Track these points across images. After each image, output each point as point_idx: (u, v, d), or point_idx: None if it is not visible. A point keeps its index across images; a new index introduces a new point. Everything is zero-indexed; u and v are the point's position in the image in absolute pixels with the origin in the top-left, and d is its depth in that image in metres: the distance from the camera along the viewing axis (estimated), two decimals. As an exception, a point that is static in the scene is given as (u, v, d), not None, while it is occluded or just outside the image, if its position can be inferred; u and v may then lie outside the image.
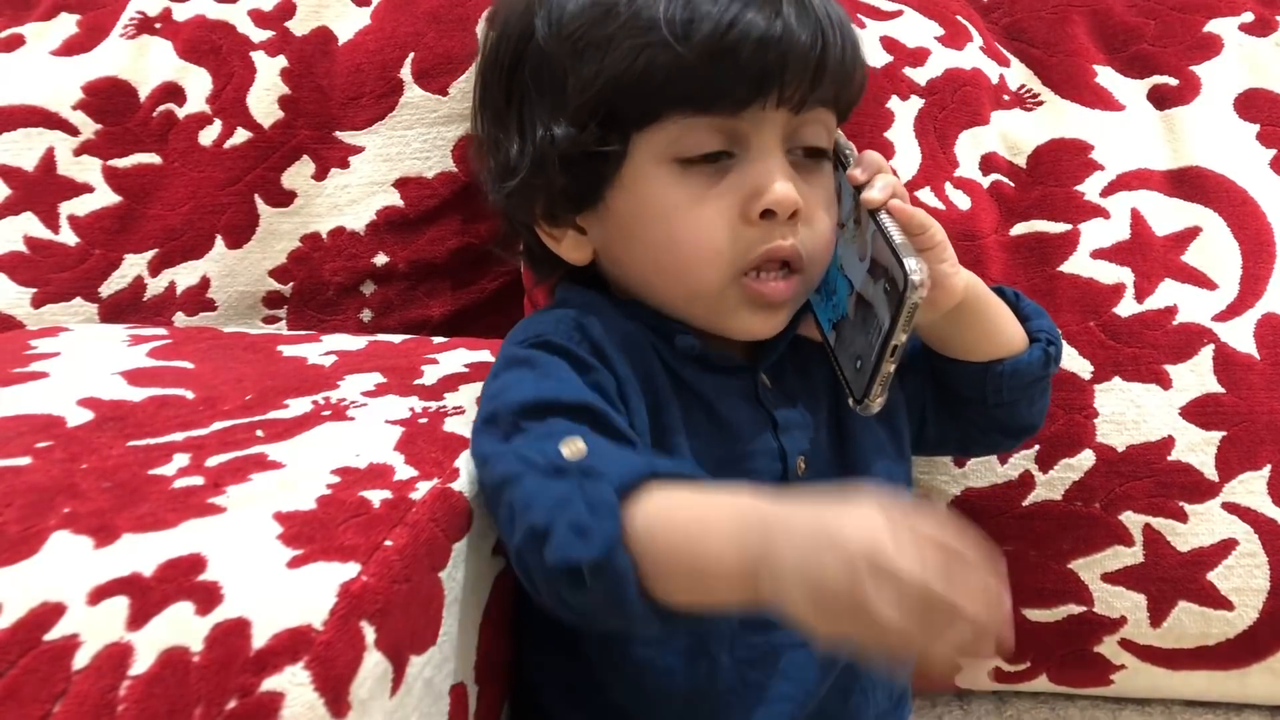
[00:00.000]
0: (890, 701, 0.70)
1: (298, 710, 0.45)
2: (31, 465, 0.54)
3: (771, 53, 0.57)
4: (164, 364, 0.73)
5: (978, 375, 0.68)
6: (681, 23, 0.57)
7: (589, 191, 0.62)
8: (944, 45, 0.95)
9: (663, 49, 0.57)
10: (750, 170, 0.60)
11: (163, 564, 0.47)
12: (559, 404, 0.56)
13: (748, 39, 0.57)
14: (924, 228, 0.61)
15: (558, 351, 0.60)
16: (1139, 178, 0.90)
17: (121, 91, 1.02)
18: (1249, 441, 0.83)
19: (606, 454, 0.52)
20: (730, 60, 0.57)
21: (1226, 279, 0.86)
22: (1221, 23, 0.97)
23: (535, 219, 0.65)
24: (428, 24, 1.03)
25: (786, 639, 0.62)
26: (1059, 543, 0.84)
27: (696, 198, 0.60)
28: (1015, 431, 0.74)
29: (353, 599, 0.48)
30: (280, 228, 1.02)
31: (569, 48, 0.60)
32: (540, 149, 0.61)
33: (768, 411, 0.64)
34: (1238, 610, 0.83)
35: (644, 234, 0.62)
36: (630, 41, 0.58)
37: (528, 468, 0.53)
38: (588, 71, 0.59)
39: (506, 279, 1.05)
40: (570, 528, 0.49)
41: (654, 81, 0.58)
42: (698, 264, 0.61)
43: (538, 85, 0.62)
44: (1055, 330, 0.71)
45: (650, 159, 0.60)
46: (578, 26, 0.60)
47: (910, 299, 0.56)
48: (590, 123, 0.60)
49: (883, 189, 0.61)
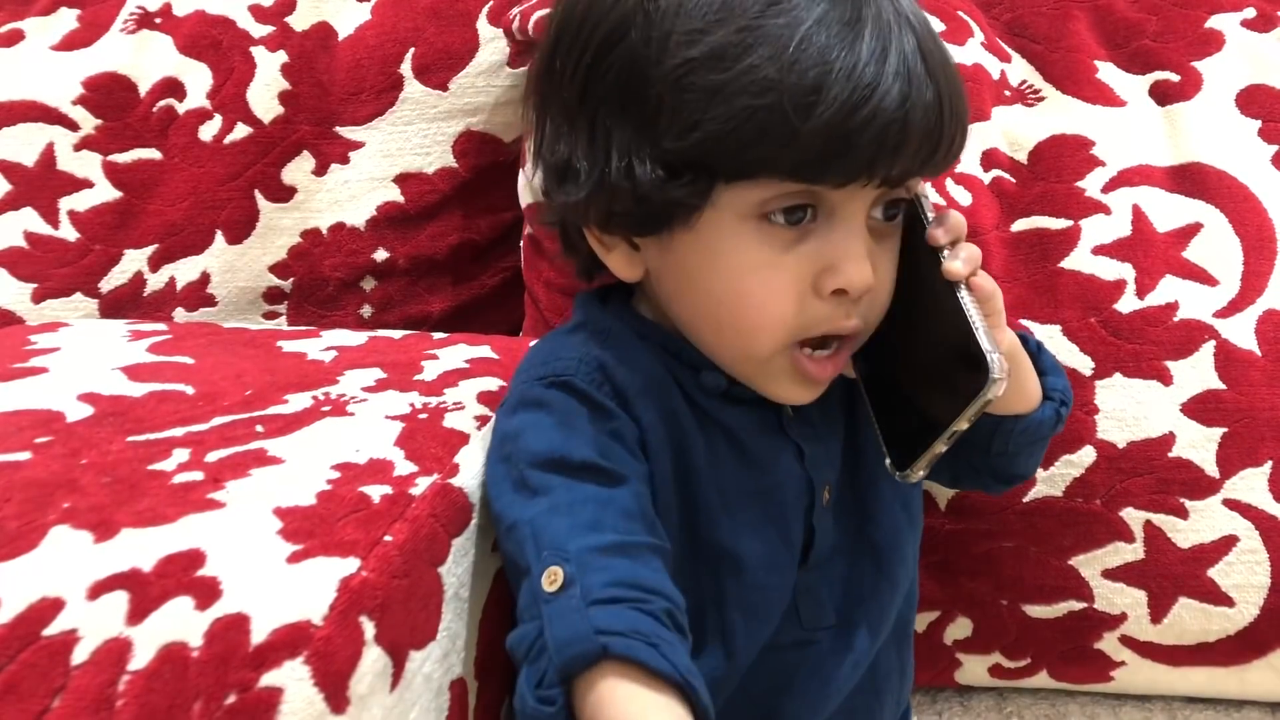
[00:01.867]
0: (896, 715, 0.71)
1: (297, 705, 0.45)
2: (31, 460, 0.54)
3: (891, 140, 0.52)
4: (164, 359, 0.73)
5: (988, 427, 0.65)
6: (807, 92, 0.51)
7: (656, 225, 0.58)
8: (945, 40, 0.95)
9: (779, 118, 0.51)
10: (831, 242, 0.56)
11: (162, 559, 0.47)
12: (567, 463, 0.56)
13: (872, 124, 0.51)
14: (990, 296, 0.58)
15: (578, 396, 0.59)
16: (1140, 174, 0.89)
17: (121, 87, 1.02)
18: (1250, 438, 0.82)
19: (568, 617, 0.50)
20: (849, 144, 0.52)
21: (1228, 275, 0.86)
22: (1223, 18, 0.96)
23: (588, 222, 0.61)
24: (428, 19, 1.03)
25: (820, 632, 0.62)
26: (1059, 539, 0.84)
27: (771, 262, 0.56)
28: (1008, 479, 0.72)
29: (352, 594, 0.48)
30: (280, 223, 1.02)
31: (671, 79, 0.53)
32: (616, 177, 0.56)
33: (794, 442, 0.63)
34: (1238, 607, 0.83)
35: (708, 284, 0.58)
36: (745, 100, 0.51)
37: (525, 572, 0.53)
38: (688, 117, 0.53)
39: (507, 275, 1.05)
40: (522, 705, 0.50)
41: (760, 149, 0.52)
42: (758, 329, 0.57)
43: (622, 100, 0.56)
44: (1069, 390, 0.69)
45: (732, 214, 0.56)
46: (687, 59, 0.53)
47: (987, 394, 0.52)
48: (682, 172, 0.54)
49: (967, 262, 0.56)
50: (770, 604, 0.62)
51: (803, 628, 0.63)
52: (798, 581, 0.63)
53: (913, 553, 0.70)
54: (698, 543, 0.60)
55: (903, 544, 0.68)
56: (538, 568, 0.52)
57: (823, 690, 0.64)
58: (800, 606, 0.63)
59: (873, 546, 0.66)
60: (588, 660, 0.48)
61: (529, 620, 0.52)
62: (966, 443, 0.65)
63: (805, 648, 0.64)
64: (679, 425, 0.61)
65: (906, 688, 0.72)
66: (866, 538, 0.66)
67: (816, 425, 0.64)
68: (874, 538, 0.66)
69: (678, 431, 0.60)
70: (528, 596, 0.53)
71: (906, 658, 0.71)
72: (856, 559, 0.66)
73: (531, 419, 0.59)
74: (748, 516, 0.61)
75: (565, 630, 0.50)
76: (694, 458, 0.61)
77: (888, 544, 0.66)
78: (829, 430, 0.65)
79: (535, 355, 0.64)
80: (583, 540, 0.52)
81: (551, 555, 0.52)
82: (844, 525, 0.65)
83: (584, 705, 0.49)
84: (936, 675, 0.91)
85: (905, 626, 0.70)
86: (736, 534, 0.61)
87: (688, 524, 0.60)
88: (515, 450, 0.58)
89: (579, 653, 0.49)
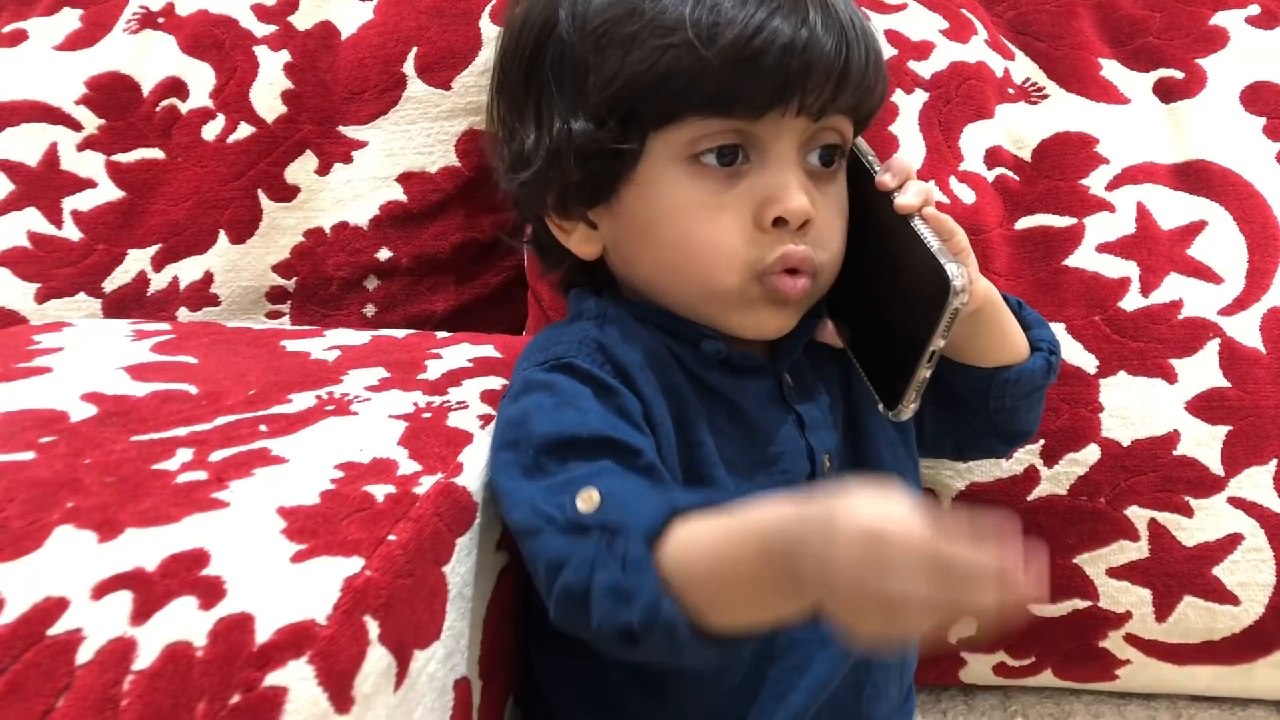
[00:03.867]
0: (900, 698, 0.70)
1: (301, 705, 0.45)
2: (35, 460, 0.54)
3: (795, 61, 0.57)
4: (167, 359, 0.73)
5: (982, 380, 0.68)
6: (707, 26, 0.57)
7: (603, 187, 0.62)
8: (948, 39, 0.95)
9: (686, 51, 0.57)
10: (764, 178, 0.60)
11: (166, 559, 0.47)
12: (579, 441, 0.56)
13: (772, 46, 0.57)
14: (952, 233, 0.61)
15: (580, 376, 0.59)
16: (1144, 171, 0.89)
17: (124, 86, 1.02)
18: (1255, 436, 0.82)
19: (624, 502, 0.52)
20: (753, 66, 0.57)
21: (1232, 273, 0.86)
22: (1227, 15, 0.96)
23: (546, 210, 0.65)
24: (430, 18, 1.03)
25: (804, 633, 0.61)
26: (1064, 537, 0.84)
27: (711, 201, 0.60)
28: (1010, 437, 0.74)
29: (356, 594, 0.48)
30: (283, 223, 1.02)
31: (592, 43, 0.60)
32: (557, 142, 0.61)
33: (794, 410, 0.65)
34: (1243, 605, 0.83)
35: (657, 232, 0.62)
36: (654, 41, 0.58)
37: (547, 523, 0.53)
38: (609, 68, 0.59)
39: (510, 274, 1.05)
40: (610, 592, 0.50)
41: (675, 83, 0.58)
42: (714, 265, 0.61)
43: (557, 77, 0.62)
44: (1055, 340, 0.71)
45: (666, 158, 0.61)
46: (602, 22, 0.60)
47: (953, 304, 0.56)
48: (609, 120, 0.60)
49: (917, 194, 0.60)
50: None
51: None
52: None
53: None
54: None
55: None
56: (565, 509, 0.53)
57: (826, 658, 0.63)
58: None
59: None
60: (664, 518, 0.49)
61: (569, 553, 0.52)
62: (965, 405, 0.68)
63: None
64: (681, 399, 0.62)
65: (910, 664, 0.72)
66: None
67: (815, 394, 0.66)
68: None
69: (680, 406, 0.61)
70: (559, 539, 0.52)
71: None
72: None
73: (536, 402, 0.59)
74: (752, 487, 0.61)
75: (628, 510, 0.51)
76: (697, 431, 0.61)
77: None
78: (828, 399, 0.67)
79: (535, 344, 0.65)
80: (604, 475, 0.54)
81: (577, 489, 0.53)
82: None
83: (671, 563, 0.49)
84: (941, 674, 0.91)
85: None
86: None
87: None
88: (523, 435, 0.58)
89: (652, 513, 0.50)
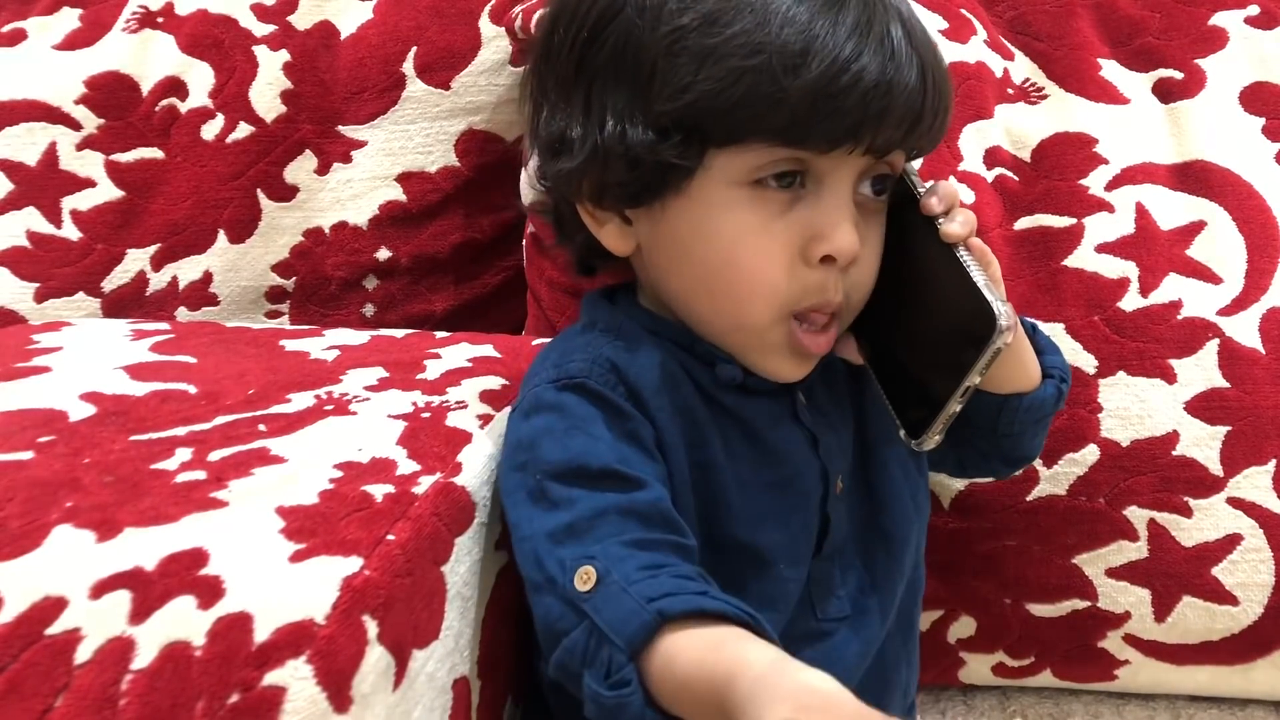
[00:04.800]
0: (904, 706, 0.70)
1: (300, 704, 0.45)
2: (34, 460, 0.54)
3: (875, 104, 0.55)
4: (166, 359, 0.73)
5: (994, 406, 0.66)
6: (794, 54, 0.53)
7: (649, 193, 0.59)
8: (948, 39, 0.95)
9: (767, 78, 0.54)
10: (818, 210, 0.57)
11: (165, 558, 0.47)
12: (586, 471, 0.56)
13: (857, 87, 0.54)
14: (990, 263, 0.59)
15: (592, 398, 0.59)
16: (1144, 172, 0.89)
17: (124, 86, 1.02)
18: (1254, 436, 0.82)
19: (617, 598, 0.51)
20: (833, 105, 0.54)
21: (1231, 273, 0.86)
22: (1227, 16, 0.96)
23: (580, 196, 0.62)
24: (430, 18, 1.03)
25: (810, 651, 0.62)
26: (1063, 538, 0.83)
27: (761, 228, 0.57)
28: (1014, 461, 0.73)
29: (355, 593, 0.48)
30: (283, 222, 1.02)
31: (664, 45, 0.56)
32: (608, 141, 0.58)
33: (808, 431, 0.64)
34: (1242, 605, 0.83)
35: (701, 253, 0.59)
36: (734, 62, 0.54)
37: (548, 583, 0.53)
38: (679, 79, 0.55)
39: (509, 274, 1.05)
40: (595, 699, 0.50)
41: (750, 109, 0.55)
42: (752, 296, 0.58)
43: (617, 69, 0.58)
44: (1067, 368, 0.70)
45: (724, 181, 0.57)
46: (678, 26, 0.55)
47: (996, 343, 0.54)
48: (672, 133, 0.56)
49: (964, 224, 0.58)
50: (788, 595, 0.62)
51: (816, 618, 0.63)
52: (811, 571, 0.63)
53: (919, 543, 0.70)
54: (717, 538, 0.60)
55: (911, 533, 0.68)
56: (564, 576, 0.52)
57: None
58: (814, 596, 0.63)
59: (884, 536, 0.66)
60: (649, 630, 0.49)
61: (565, 629, 0.52)
62: (973, 427, 0.67)
63: (817, 639, 0.63)
64: (694, 421, 0.61)
65: (913, 679, 0.72)
66: (878, 527, 0.66)
67: (828, 413, 0.65)
68: (886, 527, 0.66)
69: (693, 427, 0.60)
70: (558, 606, 0.52)
71: (913, 648, 0.71)
72: (868, 548, 0.66)
73: (546, 424, 0.58)
74: (767, 509, 0.61)
75: (618, 612, 0.50)
76: (710, 453, 0.61)
77: (899, 533, 0.67)
78: (840, 419, 0.66)
79: (546, 357, 0.64)
80: (606, 541, 0.53)
81: (577, 560, 0.52)
82: (856, 514, 0.66)
83: (654, 673, 0.49)
84: (940, 674, 0.91)
85: (910, 616, 0.70)
86: (757, 527, 0.61)
87: (706, 520, 0.60)
88: (531, 459, 0.57)
89: (638, 626, 0.49)
